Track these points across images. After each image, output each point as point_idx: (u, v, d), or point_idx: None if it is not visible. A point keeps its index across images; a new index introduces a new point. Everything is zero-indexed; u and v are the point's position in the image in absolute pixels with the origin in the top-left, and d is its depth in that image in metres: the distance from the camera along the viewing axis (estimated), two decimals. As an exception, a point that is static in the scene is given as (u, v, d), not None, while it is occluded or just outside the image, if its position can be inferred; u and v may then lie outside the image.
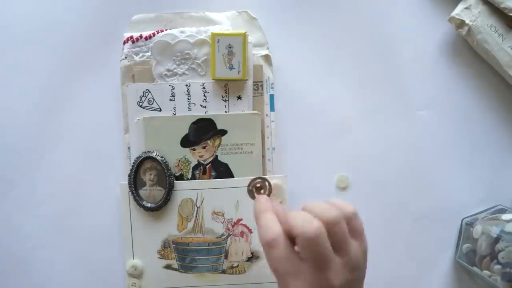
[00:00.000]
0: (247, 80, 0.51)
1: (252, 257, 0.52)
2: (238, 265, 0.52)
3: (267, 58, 0.52)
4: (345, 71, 0.53)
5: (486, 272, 0.47)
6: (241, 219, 0.51)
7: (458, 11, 0.50)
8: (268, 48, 0.52)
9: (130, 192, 0.51)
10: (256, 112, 0.51)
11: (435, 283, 0.53)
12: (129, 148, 0.52)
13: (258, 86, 0.52)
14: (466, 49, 0.52)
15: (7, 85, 0.53)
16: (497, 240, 0.46)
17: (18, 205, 0.53)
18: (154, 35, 0.50)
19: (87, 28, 0.52)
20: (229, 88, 0.51)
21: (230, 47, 0.49)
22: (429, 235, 0.53)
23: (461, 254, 0.52)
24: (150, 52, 0.50)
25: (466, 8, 0.50)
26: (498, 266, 0.46)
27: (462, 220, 0.53)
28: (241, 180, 0.51)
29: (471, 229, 0.50)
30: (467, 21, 0.49)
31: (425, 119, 0.53)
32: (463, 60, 0.53)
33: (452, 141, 0.53)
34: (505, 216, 0.48)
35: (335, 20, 0.53)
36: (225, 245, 0.51)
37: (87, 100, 0.53)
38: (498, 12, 0.49)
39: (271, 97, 0.52)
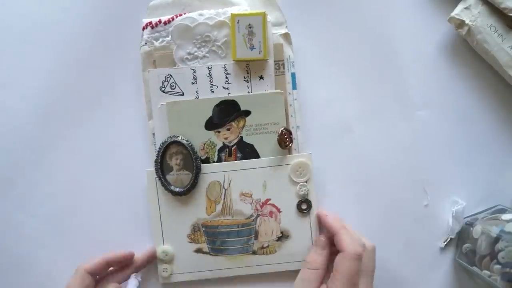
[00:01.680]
0: (268, 59, 0.51)
1: (282, 236, 0.52)
2: (268, 245, 0.52)
3: (286, 36, 0.52)
4: (345, 71, 0.53)
5: (485, 272, 0.47)
6: (269, 199, 0.51)
7: (458, 11, 0.50)
8: (287, 27, 0.52)
9: (157, 178, 0.51)
10: (279, 91, 0.51)
11: (435, 283, 0.53)
12: (153, 134, 0.51)
13: (279, 65, 0.52)
14: (466, 49, 0.53)
15: (10, 80, 0.52)
16: (497, 240, 0.46)
17: (18, 205, 0.53)
18: (173, 19, 0.50)
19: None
20: (250, 69, 0.51)
21: (250, 27, 0.49)
22: (429, 235, 0.53)
23: (460, 254, 0.52)
24: (170, 36, 0.50)
25: (466, 8, 0.50)
26: (498, 266, 0.46)
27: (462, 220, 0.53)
28: (267, 160, 0.51)
29: (471, 229, 0.50)
30: (467, 21, 0.50)
31: (425, 119, 0.53)
32: (463, 60, 0.53)
33: (452, 141, 0.53)
34: (505, 216, 0.48)
35: (335, 21, 0.53)
36: (254, 225, 0.51)
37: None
38: (498, 12, 0.49)
39: (293, 75, 0.52)
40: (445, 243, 0.53)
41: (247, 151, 0.51)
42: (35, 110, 0.52)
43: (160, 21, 0.51)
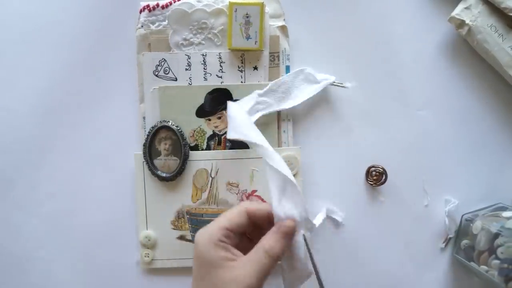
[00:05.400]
0: (263, 50, 0.50)
1: (266, 229, 0.51)
2: (252, 237, 0.51)
3: (283, 29, 0.51)
4: (345, 71, 0.53)
5: (483, 267, 0.47)
6: (255, 190, 0.51)
7: (458, 11, 0.50)
8: (284, 20, 0.52)
9: (145, 162, 0.50)
10: (272, 82, 0.51)
11: (435, 283, 0.53)
12: (144, 118, 0.51)
13: (274, 57, 0.51)
14: (466, 49, 0.52)
15: (10, 80, 0.52)
16: (496, 235, 0.46)
17: (18, 205, 0.52)
18: (171, 3, 0.50)
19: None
20: (245, 59, 0.51)
21: (247, 17, 0.49)
22: (429, 235, 0.53)
23: (458, 250, 0.52)
24: (166, 21, 0.50)
25: (466, 8, 0.50)
26: (496, 261, 0.46)
27: (462, 216, 0.53)
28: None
29: (471, 225, 0.50)
30: (467, 21, 0.49)
31: (425, 119, 0.53)
32: (463, 60, 0.53)
33: (452, 140, 0.53)
34: (506, 213, 0.49)
35: (334, 19, 0.53)
36: (239, 216, 0.51)
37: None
38: (498, 12, 0.49)
39: (287, 68, 0.52)
40: (445, 243, 0.53)
41: (237, 141, 0.51)
42: (35, 110, 0.52)
43: (158, 5, 0.50)
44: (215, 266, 0.38)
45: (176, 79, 0.51)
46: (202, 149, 0.51)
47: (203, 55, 0.51)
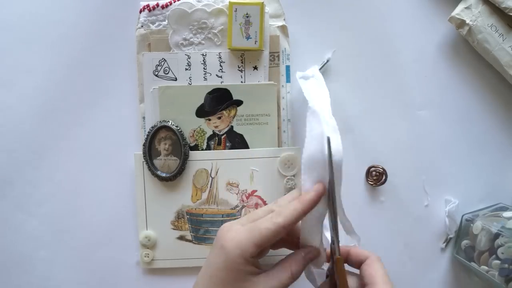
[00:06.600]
0: (263, 50, 0.50)
1: (266, 229, 0.51)
2: (252, 237, 0.51)
3: (283, 29, 0.51)
4: (345, 71, 0.53)
5: (483, 267, 0.48)
6: (255, 191, 0.51)
7: (458, 11, 0.50)
8: (284, 20, 0.51)
9: (144, 162, 0.50)
10: (272, 82, 0.51)
11: (435, 283, 0.54)
12: (143, 118, 0.51)
13: (274, 56, 0.51)
14: (466, 49, 0.53)
15: (10, 80, 0.52)
16: (497, 235, 0.46)
17: (18, 205, 0.52)
18: (171, 3, 0.50)
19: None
20: (245, 58, 0.51)
21: (247, 17, 0.49)
22: (429, 235, 0.53)
23: (459, 250, 0.52)
24: (166, 20, 0.50)
25: (466, 8, 0.50)
26: (497, 261, 0.46)
27: (462, 217, 0.53)
28: (256, 151, 0.51)
29: (471, 225, 0.50)
30: (467, 21, 0.49)
31: (425, 119, 0.53)
32: (463, 60, 0.53)
33: (452, 140, 0.53)
34: (506, 214, 0.49)
35: (335, 19, 0.53)
36: (239, 216, 0.51)
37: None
38: (498, 11, 0.49)
39: (287, 68, 0.52)
40: (445, 243, 0.53)
41: (237, 141, 0.51)
42: (35, 110, 0.52)
43: (157, 5, 0.50)
44: (241, 280, 0.38)
45: (176, 79, 0.51)
46: (202, 149, 0.51)
47: (203, 55, 0.50)
